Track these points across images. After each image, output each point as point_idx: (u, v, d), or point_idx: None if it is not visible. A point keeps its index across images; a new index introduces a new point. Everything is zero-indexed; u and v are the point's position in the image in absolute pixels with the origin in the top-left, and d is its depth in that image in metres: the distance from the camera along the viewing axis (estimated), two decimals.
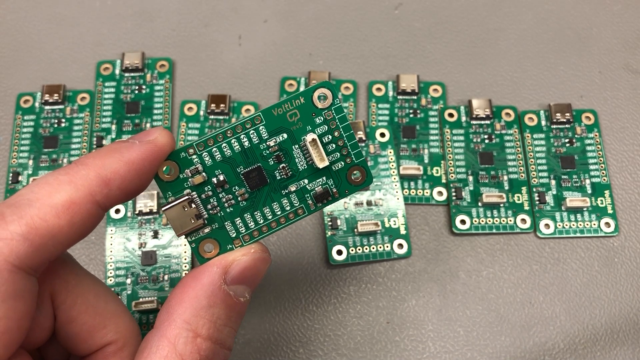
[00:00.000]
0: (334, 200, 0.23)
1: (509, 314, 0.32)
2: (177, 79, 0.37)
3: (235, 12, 0.39)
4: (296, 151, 0.22)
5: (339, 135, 0.22)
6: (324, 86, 0.22)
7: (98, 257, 0.33)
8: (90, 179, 0.20)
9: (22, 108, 0.36)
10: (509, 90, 0.37)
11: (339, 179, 0.23)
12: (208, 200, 0.22)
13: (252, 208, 0.23)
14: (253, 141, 0.22)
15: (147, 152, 0.21)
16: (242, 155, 0.22)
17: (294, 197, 0.23)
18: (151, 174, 0.21)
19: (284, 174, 0.22)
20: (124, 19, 0.39)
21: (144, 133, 0.21)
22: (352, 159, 0.23)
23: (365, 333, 0.32)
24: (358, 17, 0.39)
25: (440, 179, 0.34)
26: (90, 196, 0.19)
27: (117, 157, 0.20)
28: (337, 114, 0.22)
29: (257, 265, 0.22)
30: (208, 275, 0.21)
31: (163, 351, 0.20)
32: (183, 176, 0.22)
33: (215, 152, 0.22)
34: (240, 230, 0.23)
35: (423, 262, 0.33)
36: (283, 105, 0.22)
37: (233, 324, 0.22)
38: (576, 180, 0.34)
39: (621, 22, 0.39)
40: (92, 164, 0.20)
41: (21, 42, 0.38)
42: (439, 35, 0.39)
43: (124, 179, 0.20)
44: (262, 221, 0.23)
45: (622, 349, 0.31)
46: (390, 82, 0.37)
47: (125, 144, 0.21)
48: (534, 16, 0.39)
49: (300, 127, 0.22)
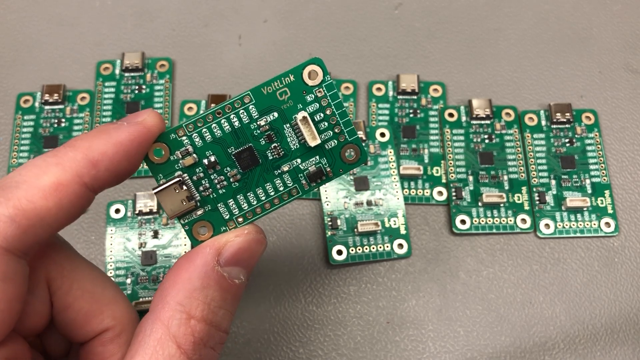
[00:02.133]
0: (328, 179, 0.22)
1: (509, 314, 0.32)
2: (177, 78, 0.37)
3: (235, 12, 0.39)
4: (288, 130, 0.22)
5: (331, 112, 0.22)
6: (314, 62, 0.21)
7: (98, 257, 0.33)
8: (77, 161, 0.19)
9: (22, 108, 0.36)
10: (509, 90, 0.37)
11: (333, 157, 0.22)
12: (200, 182, 0.22)
13: (244, 189, 0.22)
14: (243, 121, 0.22)
15: (135, 134, 0.20)
16: (233, 135, 0.22)
17: (287, 177, 0.22)
18: (140, 155, 0.21)
19: (276, 153, 0.22)
20: (124, 18, 0.39)
21: (132, 115, 0.21)
22: (345, 137, 0.22)
23: (365, 333, 0.32)
24: (358, 17, 0.39)
25: (441, 179, 0.34)
26: (78, 178, 0.19)
27: (105, 139, 0.20)
28: (328, 90, 0.22)
29: (252, 247, 0.22)
30: (201, 256, 0.21)
31: (157, 334, 0.20)
32: (174, 158, 0.22)
33: (205, 133, 0.22)
34: (234, 212, 0.22)
35: (423, 262, 0.33)
36: (272, 83, 0.22)
37: (229, 307, 0.21)
38: (576, 180, 0.34)
39: (621, 22, 0.39)
40: (79, 145, 0.20)
41: (21, 42, 0.38)
42: (439, 35, 0.39)
43: (112, 161, 0.20)
44: (256, 202, 0.22)
45: (622, 349, 0.31)
46: (390, 82, 0.37)
47: (113, 125, 0.21)
48: (534, 16, 0.39)
49: (291, 106, 0.22)
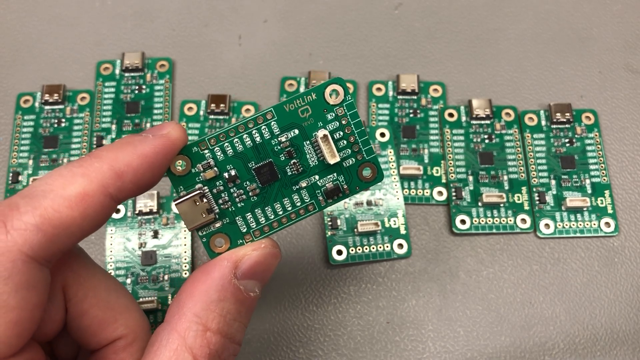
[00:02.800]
0: (344, 196, 0.23)
1: (509, 314, 0.32)
2: (177, 78, 0.37)
3: (235, 12, 0.39)
4: (307, 147, 0.22)
5: (350, 131, 0.22)
6: (336, 82, 0.22)
7: (98, 257, 0.33)
8: (103, 172, 0.20)
9: (22, 108, 0.36)
10: (509, 90, 0.37)
11: (350, 175, 0.23)
12: (219, 195, 0.22)
13: (263, 203, 0.23)
14: (265, 136, 0.22)
15: (160, 146, 0.21)
16: (254, 150, 0.22)
17: (305, 193, 0.23)
18: (164, 167, 0.21)
19: (295, 169, 0.22)
20: (124, 18, 0.39)
21: (157, 127, 0.21)
22: (363, 156, 0.23)
23: (365, 333, 0.32)
24: (358, 17, 0.39)
25: (440, 179, 0.34)
26: (103, 188, 0.20)
27: (130, 151, 0.20)
28: (348, 110, 0.22)
29: (268, 260, 0.22)
30: (219, 269, 0.21)
31: (173, 344, 0.20)
32: (195, 170, 0.22)
33: (227, 147, 0.22)
34: (251, 225, 0.23)
35: (423, 262, 0.33)
36: (295, 101, 0.22)
37: (243, 319, 0.22)
38: (576, 180, 0.34)
39: (621, 22, 0.39)
40: (105, 156, 0.20)
41: (21, 42, 0.38)
42: (439, 35, 0.39)
43: (137, 172, 0.20)
44: (273, 216, 0.23)
45: (622, 349, 0.31)
46: (390, 82, 0.37)
47: (138, 137, 0.21)
48: (534, 16, 0.39)
49: (312, 123, 0.22)
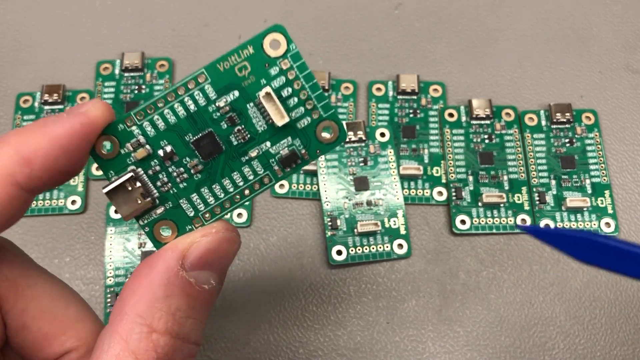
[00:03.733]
0: (304, 163, 0.20)
1: (509, 314, 0.32)
2: (177, 78, 0.37)
3: (235, 12, 0.39)
4: (252, 110, 0.19)
5: (299, 86, 0.19)
6: (275, 30, 0.19)
7: (97, 258, 0.33)
8: (9, 158, 0.17)
9: (22, 108, 0.36)
10: (509, 90, 0.37)
11: (307, 137, 0.20)
12: (157, 176, 0.20)
13: (209, 181, 0.20)
14: (199, 103, 0.19)
15: (76, 126, 0.18)
16: (189, 120, 0.19)
17: (257, 163, 0.20)
18: (83, 151, 0.19)
19: (241, 137, 0.20)
20: (123, 18, 0.39)
21: (76, 106, 0.19)
22: (319, 113, 0.20)
23: (365, 333, 0.32)
24: (358, 17, 0.39)
25: (440, 179, 0.34)
26: (10, 177, 0.17)
27: (40, 133, 0.18)
28: (294, 61, 0.19)
29: (222, 247, 0.19)
30: (163, 261, 0.19)
31: (114, 349, 0.18)
32: (124, 151, 0.19)
33: (157, 121, 0.19)
34: (199, 207, 0.20)
35: (423, 262, 0.33)
36: (229, 57, 0.19)
37: (198, 315, 0.19)
38: (576, 180, 0.34)
39: (621, 21, 0.39)
40: (12, 141, 0.18)
41: (21, 42, 0.38)
42: (439, 35, 0.39)
43: (48, 157, 0.18)
44: (223, 195, 0.20)
45: (622, 350, 0.31)
46: (390, 82, 0.37)
47: (52, 118, 0.18)
48: (534, 16, 0.39)
49: (253, 82, 0.19)
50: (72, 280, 0.32)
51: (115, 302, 0.19)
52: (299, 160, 0.20)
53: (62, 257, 0.33)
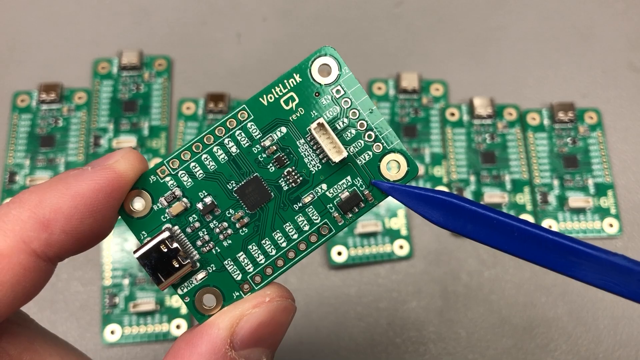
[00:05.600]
0: (368, 206, 0.17)
1: (511, 316, 0.32)
2: (175, 77, 0.37)
3: (234, 10, 0.39)
4: (303, 148, 0.17)
5: (357, 115, 0.17)
6: (325, 54, 0.17)
7: (95, 258, 0.33)
8: (23, 221, 0.15)
9: (19, 107, 0.35)
10: (511, 88, 0.37)
11: (370, 175, 0.17)
12: (196, 234, 0.17)
13: (257, 236, 0.17)
14: (242, 144, 0.17)
15: (101, 181, 0.16)
16: (231, 165, 0.17)
17: (312, 210, 0.17)
18: (110, 209, 0.16)
19: (292, 181, 0.17)
20: (121, 16, 0.39)
21: (103, 157, 0.16)
22: (382, 145, 0.17)
23: (366, 335, 0.31)
24: (358, 15, 0.39)
25: (442, 179, 0.34)
26: (24, 244, 0.15)
27: (60, 190, 0.15)
28: (348, 87, 0.17)
29: (276, 319, 0.17)
30: (208, 340, 0.16)
31: None
32: (158, 207, 0.17)
33: (194, 168, 0.17)
34: (247, 269, 0.17)
35: (424, 263, 0.33)
36: (273, 89, 0.17)
37: None
38: (579, 180, 0.34)
39: (624, 20, 0.39)
40: (27, 200, 0.15)
41: (17, 40, 0.38)
42: (440, 33, 0.38)
43: (70, 219, 0.15)
44: (275, 252, 0.17)
45: (624, 351, 0.31)
46: (391, 80, 0.37)
47: (73, 172, 0.16)
48: (536, 14, 0.39)
49: (302, 115, 0.17)
50: (69, 281, 0.32)
51: None
52: (361, 204, 0.17)
53: None
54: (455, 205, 0.16)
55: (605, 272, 0.15)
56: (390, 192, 0.17)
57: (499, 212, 0.16)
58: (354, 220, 0.17)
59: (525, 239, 0.16)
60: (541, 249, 0.15)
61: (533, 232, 0.15)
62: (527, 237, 0.16)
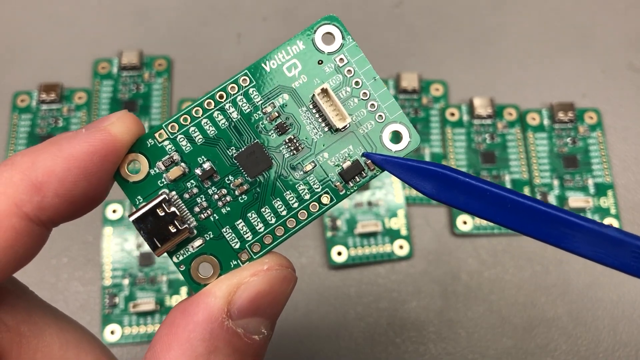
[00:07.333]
0: (370, 176, 0.17)
1: (511, 316, 0.32)
2: (175, 77, 0.37)
3: (235, 10, 0.39)
4: (305, 114, 0.17)
5: (360, 84, 0.17)
6: (329, 21, 0.17)
7: (95, 258, 0.33)
8: (14, 184, 0.14)
9: (19, 107, 0.35)
10: (511, 88, 0.37)
11: (372, 144, 0.17)
12: (194, 200, 0.17)
13: (257, 203, 0.17)
14: (243, 110, 0.17)
15: (95, 143, 0.15)
16: (231, 131, 0.17)
17: (313, 179, 0.17)
18: (105, 172, 0.15)
19: (293, 148, 0.17)
20: (121, 16, 0.39)
21: (99, 120, 0.16)
22: (384, 115, 0.17)
23: (366, 335, 0.31)
24: (358, 15, 0.39)
25: None
26: (16, 207, 0.14)
27: (53, 152, 0.15)
28: (352, 56, 0.17)
29: (276, 288, 0.16)
30: (204, 308, 0.15)
31: None
32: (155, 171, 0.16)
33: (194, 133, 0.17)
34: (246, 237, 0.17)
35: (424, 263, 0.33)
36: (276, 55, 0.17)
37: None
38: (579, 180, 0.34)
39: (624, 20, 0.39)
40: (18, 163, 0.15)
41: (17, 40, 0.38)
42: (440, 33, 0.38)
43: (63, 182, 0.15)
44: (275, 220, 0.17)
45: (624, 351, 0.31)
46: (391, 80, 0.37)
47: (67, 134, 0.15)
48: (536, 14, 0.39)
49: (305, 82, 0.17)
50: (69, 281, 0.32)
51: (145, 356, 0.15)
52: (363, 173, 0.17)
53: (59, 257, 0.33)
54: (448, 176, 0.16)
55: (597, 244, 0.15)
56: (383, 164, 0.17)
57: (492, 184, 0.16)
58: (354, 190, 0.17)
59: (519, 211, 0.15)
60: (534, 221, 0.15)
61: (526, 204, 0.15)
62: (520, 209, 0.15)
